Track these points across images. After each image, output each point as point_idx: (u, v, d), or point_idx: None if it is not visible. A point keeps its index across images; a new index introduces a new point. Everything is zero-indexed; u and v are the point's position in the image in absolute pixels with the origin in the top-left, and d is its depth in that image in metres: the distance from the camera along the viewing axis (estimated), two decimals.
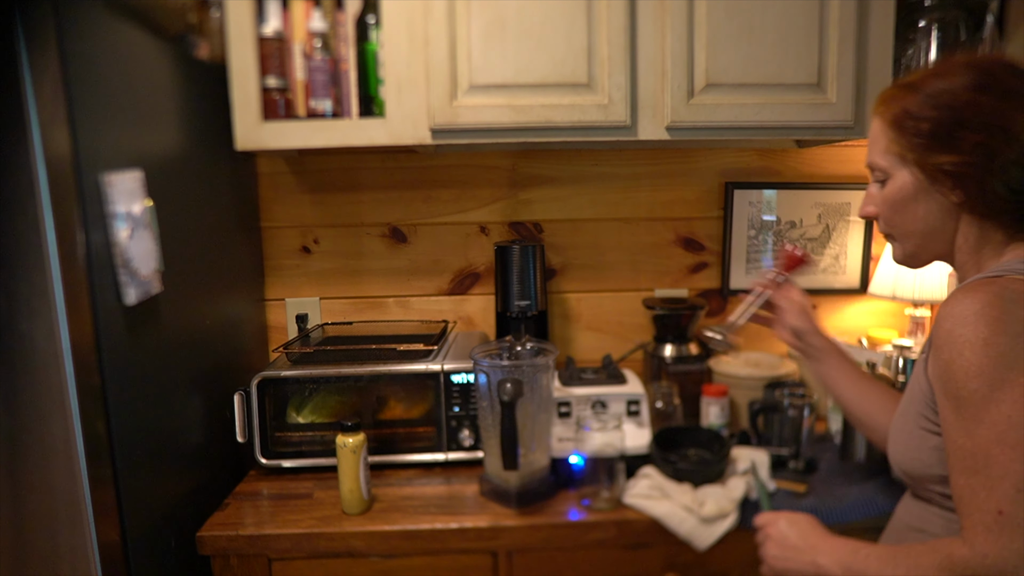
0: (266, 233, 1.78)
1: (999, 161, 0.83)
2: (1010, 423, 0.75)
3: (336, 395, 1.48)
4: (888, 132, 0.93)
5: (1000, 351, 0.76)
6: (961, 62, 0.89)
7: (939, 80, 0.88)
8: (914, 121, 0.88)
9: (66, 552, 1.03)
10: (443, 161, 1.77)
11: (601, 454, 1.30)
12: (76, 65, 0.98)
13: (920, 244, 0.95)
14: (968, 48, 1.45)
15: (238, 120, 1.37)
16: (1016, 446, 0.75)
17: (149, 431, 1.16)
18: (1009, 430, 0.75)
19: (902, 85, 0.93)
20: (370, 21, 1.40)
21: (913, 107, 0.89)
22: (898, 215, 0.95)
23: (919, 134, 0.88)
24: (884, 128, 0.93)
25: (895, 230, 0.97)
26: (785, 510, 1.09)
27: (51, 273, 0.97)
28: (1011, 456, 0.75)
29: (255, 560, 1.26)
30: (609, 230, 1.82)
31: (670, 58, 1.37)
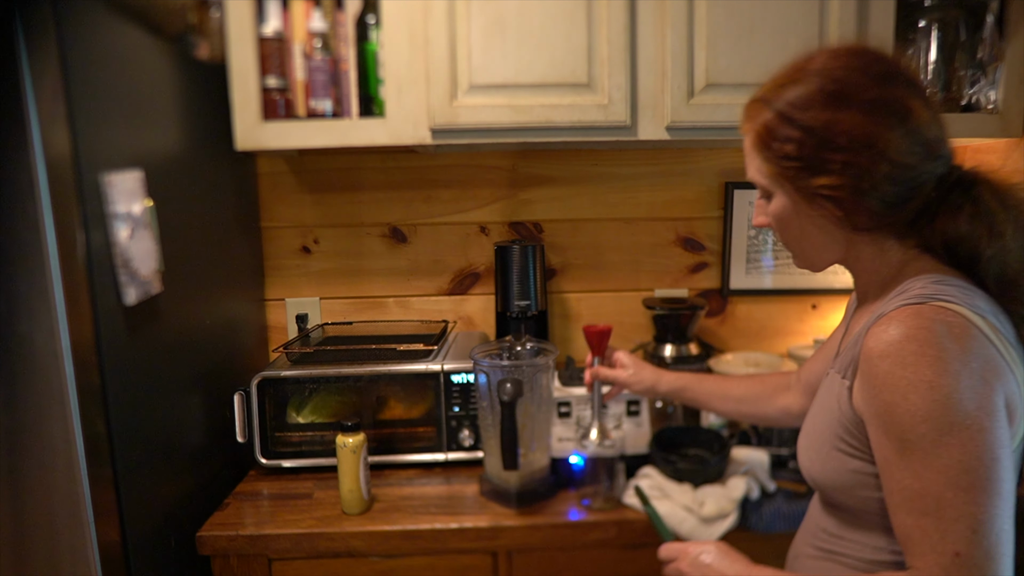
0: (266, 233, 1.78)
1: (869, 180, 0.81)
2: (961, 467, 0.73)
3: (336, 395, 1.48)
4: (756, 153, 0.88)
5: (945, 393, 0.74)
6: (814, 67, 0.83)
7: (791, 91, 0.83)
8: (778, 143, 0.84)
9: (66, 552, 1.03)
10: (443, 161, 1.77)
11: (600, 454, 1.30)
12: (76, 65, 0.98)
13: (813, 256, 0.93)
14: (968, 48, 1.45)
15: (238, 120, 1.37)
16: (968, 488, 0.73)
17: (149, 431, 1.16)
18: (961, 474, 0.73)
19: (757, 99, 0.88)
20: (370, 21, 1.40)
21: (773, 126, 0.84)
22: (785, 231, 0.92)
23: (786, 157, 0.84)
24: (751, 148, 0.89)
25: (786, 244, 0.95)
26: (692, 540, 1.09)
27: (51, 273, 0.97)
28: (964, 499, 0.73)
29: (255, 560, 1.26)
30: (609, 230, 1.82)
31: (670, 58, 1.37)
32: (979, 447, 0.73)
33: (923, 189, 0.82)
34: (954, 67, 1.45)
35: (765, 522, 1.26)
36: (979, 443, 0.73)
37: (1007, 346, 0.79)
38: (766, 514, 1.26)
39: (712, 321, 1.87)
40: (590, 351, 1.31)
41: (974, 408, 0.74)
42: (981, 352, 0.76)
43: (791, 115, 0.83)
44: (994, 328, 0.78)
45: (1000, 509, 0.73)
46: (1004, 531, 0.73)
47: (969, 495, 0.73)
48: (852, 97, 0.80)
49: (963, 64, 1.45)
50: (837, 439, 0.86)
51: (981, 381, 0.75)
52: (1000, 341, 0.78)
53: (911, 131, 0.80)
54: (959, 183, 0.83)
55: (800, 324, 1.89)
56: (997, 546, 0.73)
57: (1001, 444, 0.74)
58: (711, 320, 1.87)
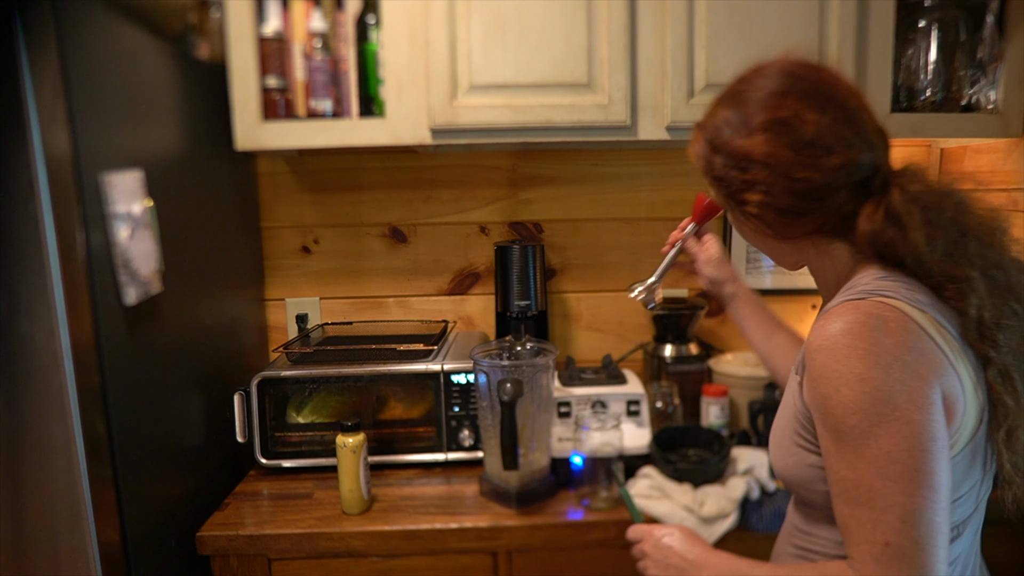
0: (266, 233, 1.78)
1: (771, 195, 0.85)
2: (890, 457, 0.75)
3: (336, 395, 1.48)
4: (703, 176, 0.94)
5: (875, 386, 0.76)
6: (733, 90, 0.89)
7: (716, 116, 0.90)
8: (710, 168, 0.90)
9: (66, 552, 1.03)
10: (443, 161, 1.77)
11: (600, 453, 1.30)
12: (76, 65, 0.98)
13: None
14: (968, 48, 1.45)
15: (238, 120, 1.37)
16: (898, 479, 0.75)
17: (149, 431, 1.16)
18: (889, 464, 0.75)
19: (696, 124, 0.95)
20: (370, 21, 1.40)
21: (704, 152, 0.91)
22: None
23: (716, 179, 0.90)
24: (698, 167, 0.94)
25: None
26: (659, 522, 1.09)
27: (51, 273, 0.97)
28: (893, 489, 0.75)
29: (255, 560, 1.26)
30: (609, 230, 1.82)
31: (670, 58, 1.37)
32: (908, 439, 0.75)
33: (831, 198, 0.84)
34: (954, 67, 1.45)
35: (765, 522, 1.26)
36: (908, 435, 0.75)
37: (950, 341, 0.79)
38: (766, 514, 1.26)
39: (712, 321, 1.87)
40: (692, 216, 1.27)
41: (904, 400, 0.75)
42: (917, 346, 0.77)
43: (714, 141, 0.89)
44: (936, 323, 0.79)
45: (930, 500, 0.74)
46: (935, 522, 0.74)
47: (898, 485, 0.75)
48: (750, 120, 0.85)
49: (963, 64, 1.45)
50: (795, 434, 0.88)
51: (913, 375, 0.76)
52: (942, 336, 0.79)
53: (800, 144, 0.82)
54: (879, 186, 0.84)
55: (800, 324, 1.89)
56: (927, 536, 0.74)
57: (932, 437, 0.75)
58: (711, 320, 1.87)
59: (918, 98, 1.46)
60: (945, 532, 0.76)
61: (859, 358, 0.77)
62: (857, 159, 0.83)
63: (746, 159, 0.85)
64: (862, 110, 0.85)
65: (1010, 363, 0.80)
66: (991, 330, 0.80)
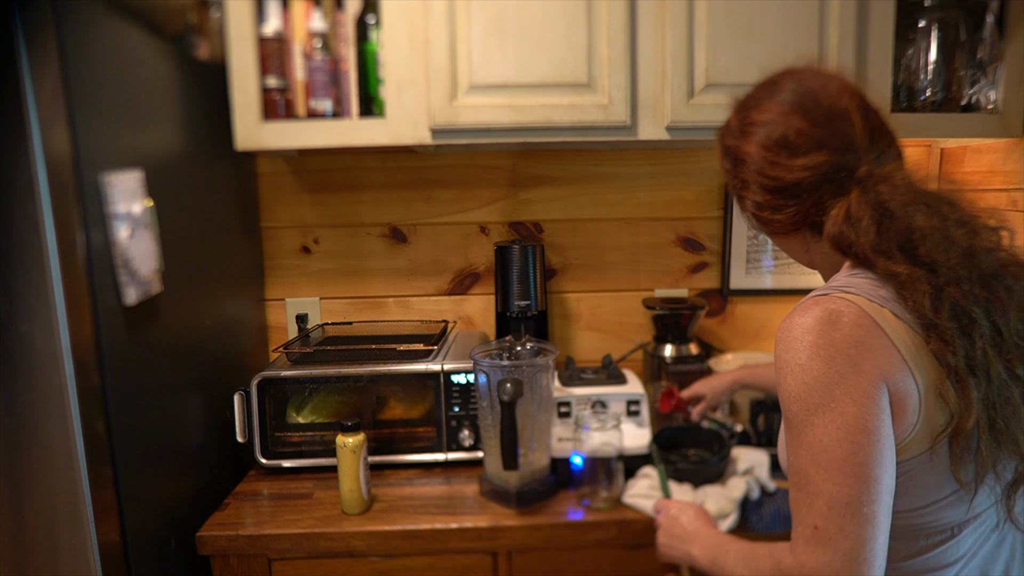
0: (266, 233, 1.78)
1: (747, 190, 0.94)
2: (822, 446, 0.79)
3: (336, 395, 1.48)
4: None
5: (814, 376, 0.80)
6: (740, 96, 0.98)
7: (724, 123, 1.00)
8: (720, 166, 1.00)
9: (66, 552, 1.03)
10: (443, 161, 1.77)
11: (599, 453, 1.30)
12: (76, 65, 0.98)
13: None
14: (968, 48, 1.45)
15: (238, 120, 1.37)
16: (828, 467, 0.79)
17: (149, 431, 1.16)
18: (821, 453, 0.79)
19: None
20: (370, 21, 1.40)
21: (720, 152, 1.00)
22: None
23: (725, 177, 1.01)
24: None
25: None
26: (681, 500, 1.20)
27: (51, 273, 0.97)
28: (823, 477, 0.79)
29: (255, 560, 1.26)
30: (609, 230, 1.82)
31: (670, 58, 1.37)
32: (839, 429, 0.78)
33: (807, 196, 0.89)
34: (954, 67, 1.45)
35: (765, 522, 1.26)
36: (840, 425, 0.78)
37: (910, 338, 0.80)
38: (766, 514, 1.26)
39: (712, 321, 1.87)
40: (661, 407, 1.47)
41: (840, 392, 0.79)
42: (865, 341, 0.80)
43: (719, 142, 0.99)
44: (898, 320, 0.81)
45: (858, 491, 0.77)
46: (863, 513, 0.77)
47: (828, 473, 0.79)
48: (740, 122, 0.94)
49: (963, 64, 1.45)
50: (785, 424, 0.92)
51: (854, 368, 0.79)
52: (901, 333, 0.80)
53: (770, 144, 0.89)
54: (850, 188, 0.87)
55: None
56: (853, 525, 0.77)
57: (866, 430, 0.78)
58: (711, 320, 1.87)
59: (918, 98, 1.46)
60: (878, 523, 0.78)
61: (804, 349, 0.81)
62: (828, 160, 0.86)
63: (733, 158, 0.95)
64: (850, 114, 0.88)
65: (963, 368, 0.79)
66: (944, 333, 0.80)
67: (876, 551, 0.79)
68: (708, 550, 1.00)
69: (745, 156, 0.92)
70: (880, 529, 0.79)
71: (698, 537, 1.05)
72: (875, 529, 0.78)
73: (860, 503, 0.78)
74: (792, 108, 0.89)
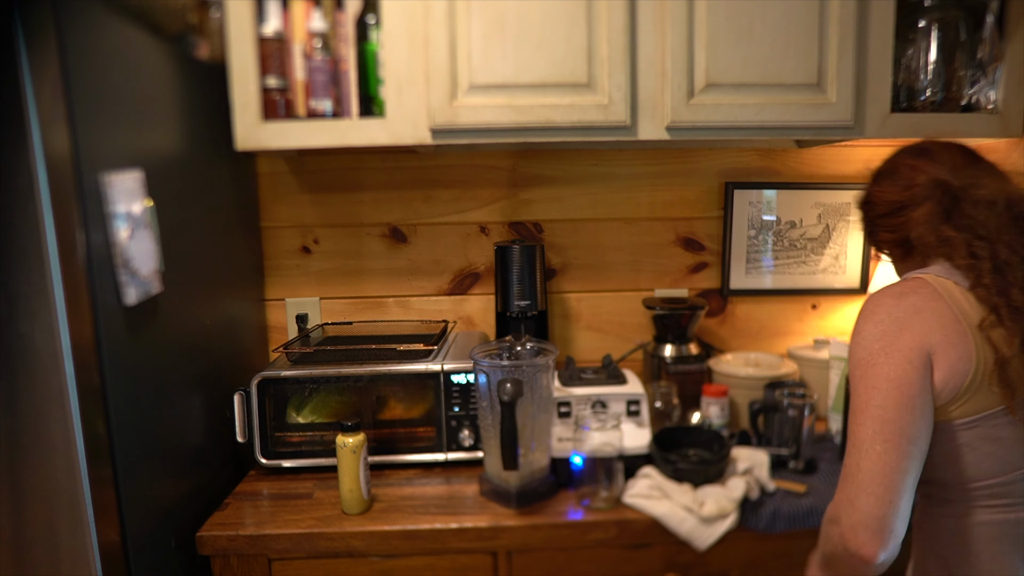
0: (266, 233, 1.78)
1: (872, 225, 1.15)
2: (857, 395, 0.96)
3: (336, 395, 1.48)
4: None
5: (864, 335, 0.98)
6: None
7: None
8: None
9: (66, 552, 1.03)
10: (443, 161, 1.77)
11: (600, 453, 1.30)
12: (76, 65, 0.98)
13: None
14: (968, 48, 1.45)
15: (238, 120, 1.37)
16: (857, 413, 0.95)
17: (149, 431, 1.16)
18: (856, 400, 0.96)
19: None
20: (370, 21, 1.40)
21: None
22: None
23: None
24: None
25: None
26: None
27: (51, 273, 0.97)
28: (855, 421, 0.95)
29: (255, 560, 1.26)
30: (609, 230, 1.82)
31: (670, 58, 1.37)
32: (868, 379, 0.95)
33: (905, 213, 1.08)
34: (954, 67, 1.45)
35: (765, 522, 1.26)
36: (870, 376, 0.95)
37: (967, 298, 0.96)
38: (766, 514, 1.26)
39: (712, 321, 1.87)
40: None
41: (878, 348, 0.95)
42: (918, 304, 0.97)
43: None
44: (965, 294, 0.96)
45: (874, 432, 0.92)
46: (877, 451, 0.91)
47: (857, 418, 0.95)
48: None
49: (963, 64, 1.45)
50: None
51: (896, 327, 0.95)
52: (966, 304, 0.95)
53: (880, 177, 1.13)
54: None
55: (800, 324, 1.89)
56: (867, 462, 0.91)
57: (890, 379, 0.93)
58: (711, 320, 1.87)
59: (918, 98, 1.46)
60: (891, 462, 0.90)
61: (864, 317, 1.00)
62: (927, 192, 1.05)
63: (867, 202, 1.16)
64: (953, 154, 1.07)
65: (1003, 306, 0.94)
66: (983, 277, 0.96)
67: (889, 488, 0.89)
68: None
69: (870, 196, 1.17)
70: (895, 469, 0.90)
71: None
72: (888, 467, 0.90)
73: (874, 441, 0.91)
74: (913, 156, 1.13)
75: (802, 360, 1.75)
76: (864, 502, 0.89)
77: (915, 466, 0.91)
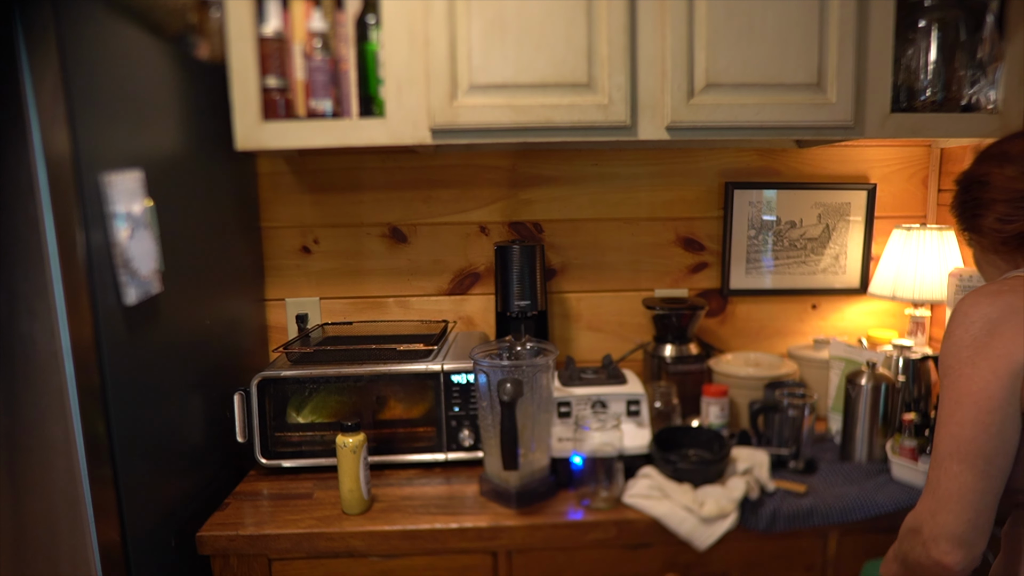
0: (266, 233, 1.78)
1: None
2: (942, 404, 0.95)
3: (336, 395, 1.48)
4: None
5: (953, 342, 0.95)
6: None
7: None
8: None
9: (66, 552, 1.03)
10: (443, 161, 1.77)
11: (600, 453, 1.30)
12: (76, 65, 0.98)
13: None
14: (968, 48, 1.45)
15: (238, 120, 1.37)
16: (940, 423, 0.94)
17: (149, 431, 1.16)
18: (941, 410, 0.95)
19: None
20: (370, 21, 1.40)
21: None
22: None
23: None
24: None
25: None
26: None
27: (51, 273, 0.97)
28: (938, 433, 0.95)
29: (255, 560, 1.26)
30: (609, 230, 1.82)
31: (670, 58, 1.37)
32: (952, 391, 0.94)
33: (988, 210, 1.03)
34: (954, 67, 1.45)
35: (765, 522, 1.26)
36: (954, 388, 0.94)
37: None
38: (766, 514, 1.26)
39: (712, 321, 1.87)
40: None
41: (966, 356, 0.94)
42: (1015, 305, 0.92)
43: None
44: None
45: (951, 450, 0.93)
46: (952, 471, 0.92)
47: (939, 431, 0.95)
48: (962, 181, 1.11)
49: (963, 64, 1.45)
50: None
51: (989, 330, 0.93)
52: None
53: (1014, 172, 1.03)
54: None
55: (800, 324, 1.89)
56: (947, 477, 0.93)
57: (971, 394, 0.92)
58: (711, 320, 1.87)
59: (918, 98, 1.46)
60: (967, 478, 0.91)
61: (954, 320, 0.97)
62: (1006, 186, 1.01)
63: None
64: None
65: None
66: None
67: (967, 507, 0.91)
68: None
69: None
70: (971, 489, 0.91)
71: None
72: (964, 487, 0.91)
73: (952, 459, 0.92)
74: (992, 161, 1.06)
75: (802, 360, 1.75)
76: (943, 518, 0.92)
77: (994, 485, 0.92)
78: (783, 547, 1.31)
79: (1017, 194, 0.98)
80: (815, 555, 1.32)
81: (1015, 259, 1.02)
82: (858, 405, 1.46)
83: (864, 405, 1.46)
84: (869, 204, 1.83)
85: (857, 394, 1.46)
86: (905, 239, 1.71)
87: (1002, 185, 1.00)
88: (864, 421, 1.46)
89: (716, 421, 1.58)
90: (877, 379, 1.45)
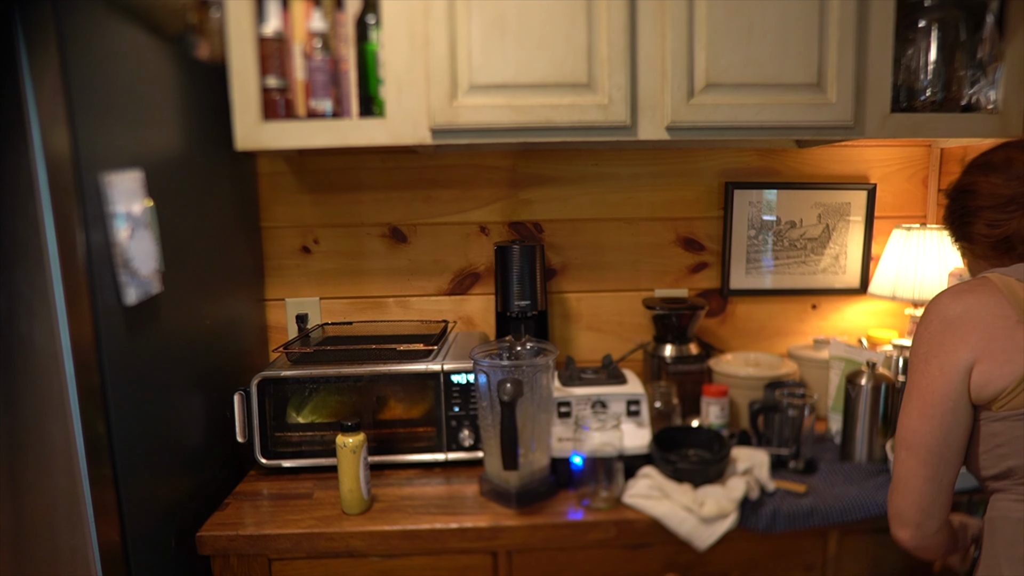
0: (266, 233, 1.78)
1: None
2: (903, 400, 1.04)
3: (336, 395, 1.48)
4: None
5: (916, 340, 1.04)
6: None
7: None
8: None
9: (66, 552, 1.03)
10: (443, 161, 1.77)
11: (599, 453, 1.30)
12: (76, 65, 0.98)
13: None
14: (968, 48, 1.45)
15: (238, 120, 1.37)
16: (900, 416, 1.04)
17: (149, 431, 1.16)
18: (902, 406, 1.04)
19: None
20: (370, 21, 1.40)
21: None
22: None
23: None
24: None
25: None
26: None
27: (51, 273, 0.97)
28: (898, 425, 1.05)
29: (255, 560, 1.26)
30: (609, 230, 1.82)
31: (670, 58, 1.37)
32: (909, 383, 1.04)
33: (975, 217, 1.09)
34: (954, 67, 1.45)
35: (765, 522, 1.26)
36: (910, 382, 1.03)
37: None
38: (766, 514, 1.26)
39: (712, 321, 1.87)
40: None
41: (923, 352, 1.02)
42: (971, 304, 0.99)
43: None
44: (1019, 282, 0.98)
45: (901, 438, 1.03)
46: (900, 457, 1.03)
47: (899, 420, 1.05)
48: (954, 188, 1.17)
49: (963, 64, 1.45)
50: None
51: (942, 329, 1.00)
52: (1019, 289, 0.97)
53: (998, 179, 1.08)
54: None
55: (800, 324, 1.89)
56: (896, 464, 1.04)
57: (920, 388, 1.01)
58: (711, 320, 1.87)
59: (918, 98, 1.46)
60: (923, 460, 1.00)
61: (922, 319, 1.04)
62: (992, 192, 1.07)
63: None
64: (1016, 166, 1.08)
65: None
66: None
67: (911, 490, 1.01)
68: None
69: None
70: (915, 475, 1.00)
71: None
72: (908, 472, 1.01)
73: (900, 446, 1.02)
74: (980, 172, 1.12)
75: (802, 360, 1.75)
76: (895, 499, 1.04)
77: (938, 472, 1.00)
78: (783, 547, 1.31)
79: (1003, 199, 1.04)
80: (815, 555, 1.32)
81: (1003, 263, 1.07)
82: (858, 405, 1.46)
83: (864, 405, 1.46)
84: (869, 204, 1.83)
85: (857, 394, 1.46)
86: (905, 239, 1.71)
87: (988, 192, 1.06)
88: (864, 421, 1.46)
89: (716, 421, 1.58)
90: (877, 379, 1.45)
